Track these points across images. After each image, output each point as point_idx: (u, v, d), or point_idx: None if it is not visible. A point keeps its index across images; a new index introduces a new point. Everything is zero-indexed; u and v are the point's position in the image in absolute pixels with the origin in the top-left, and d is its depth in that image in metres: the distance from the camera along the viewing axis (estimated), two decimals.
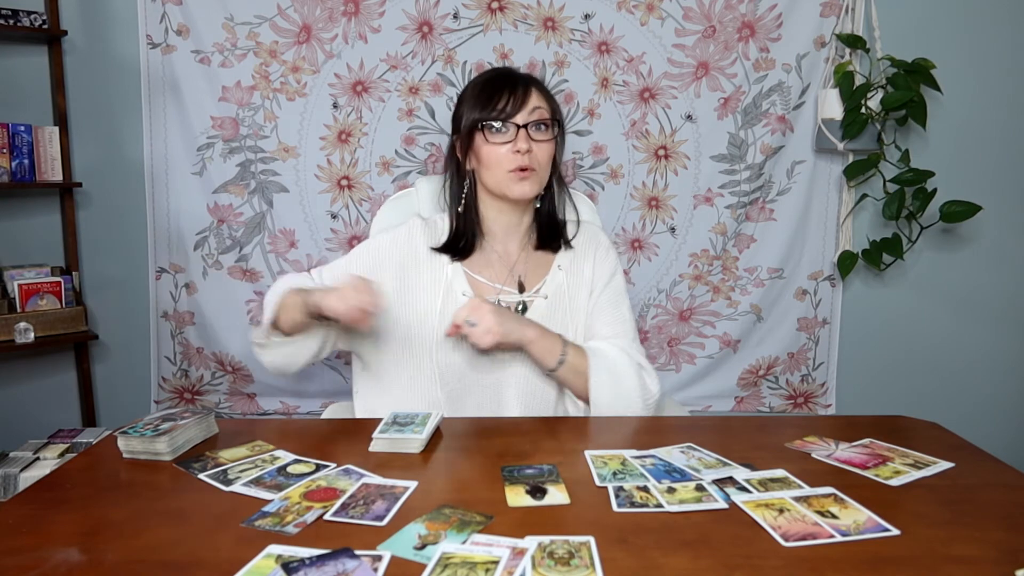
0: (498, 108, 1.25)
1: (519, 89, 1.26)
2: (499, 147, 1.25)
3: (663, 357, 2.23)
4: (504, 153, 1.25)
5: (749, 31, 2.05)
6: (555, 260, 1.36)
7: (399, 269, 1.31)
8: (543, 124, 1.27)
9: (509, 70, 1.33)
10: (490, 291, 1.31)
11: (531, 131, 1.25)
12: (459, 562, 0.72)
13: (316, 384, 2.17)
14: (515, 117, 1.25)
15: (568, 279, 1.34)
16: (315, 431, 1.16)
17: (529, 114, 1.25)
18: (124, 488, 0.92)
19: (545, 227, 1.36)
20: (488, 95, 1.26)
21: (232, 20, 1.97)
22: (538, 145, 1.26)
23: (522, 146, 1.24)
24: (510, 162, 1.25)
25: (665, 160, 2.12)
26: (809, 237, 2.19)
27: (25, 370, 2.10)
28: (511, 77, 1.29)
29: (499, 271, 1.33)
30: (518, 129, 1.24)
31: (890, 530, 0.80)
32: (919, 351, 2.29)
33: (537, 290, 1.33)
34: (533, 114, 1.25)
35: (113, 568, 0.73)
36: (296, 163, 2.05)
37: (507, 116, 1.25)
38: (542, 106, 1.27)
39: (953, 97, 2.13)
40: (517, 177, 1.25)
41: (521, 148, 1.24)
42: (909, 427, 1.17)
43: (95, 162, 2.06)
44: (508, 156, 1.25)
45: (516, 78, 1.29)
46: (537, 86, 1.29)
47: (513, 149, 1.24)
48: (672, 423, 1.28)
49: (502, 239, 1.35)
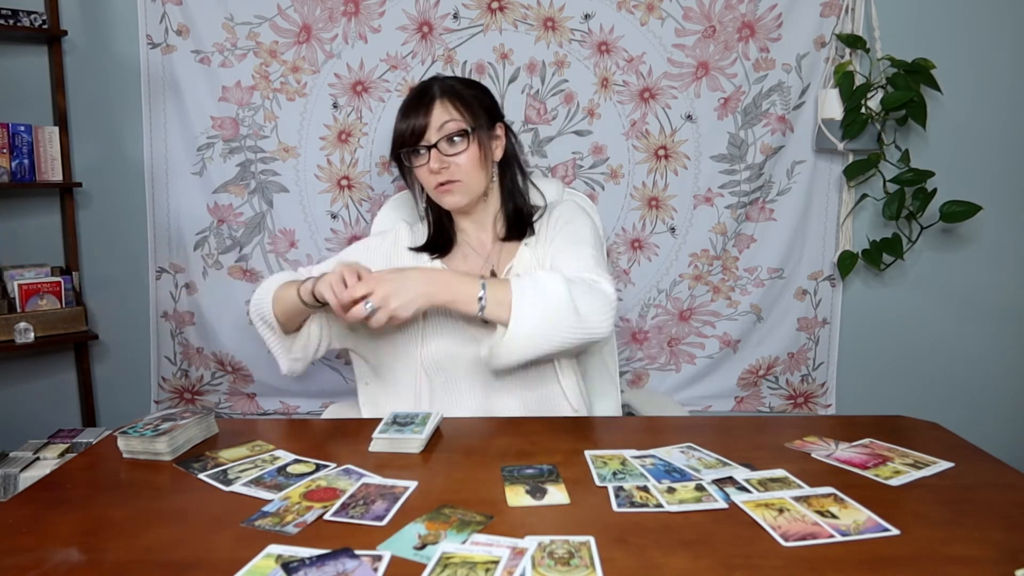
0: (405, 136, 1.28)
1: (422, 109, 1.28)
2: (420, 169, 1.30)
3: (663, 357, 2.23)
4: (424, 173, 1.30)
5: (749, 31, 2.05)
6: (522, 242, 1.39)
7: (386, 267, 1.35)
8: (455, 136, 1.28)
9: (420, 88, 1.33)
10: None
11: (442, 147, 1.27)
12: (459, 562, 0.72)
13: (316, 384, 2.17)
14: (423, 139, 1.28)
15: (535, 254, 1.36)
16: (315, 431, 1.16)
17: (437, 131, 1.27)
18: (124, 488, 0.93)
19: (511, 218, 1.39)
20: (399, 122, 1.30)
21: (232, 20, 1.97)
22: (454, 158, 1.28)
23: (434, 166, 1.28)
24: (432, 180, 1.29)
25: (665, 160, 2.12)
26: (809, 237, 2.19)
27: (25, 370, 2.10)
28: (417, 96, 1.31)
29: (474, 263, 1.38)
30: (429, 149, 1.28)
31: (890, 530, 0.80)
32: (919, 351, 2.29)
33: (507, 271, 1.35)
34: (441, 130, 1.27)
35: (113, 568, 0.73)
36: (296, 163, 2.05)
37: (415, 140, 1.28)
38: (452, 118, 1.28)
39: (953, 97, 2.13)
40: (441, 192, 1.30)
41: (433, 168, 1.28)
42: (909, 427, 1.17)
43: (95, 162, 2.06)
44: (428, 176, 1.29)
45: (422, 96, 1.30)
46: (447, 96, 1.29)
47: (427, 170, 1.28)
48: (672, 423, 1.28)
49: (474, 233, 1.40)
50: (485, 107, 1.33)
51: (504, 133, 1.38)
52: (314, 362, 1.38)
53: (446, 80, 1.34)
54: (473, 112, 1.30)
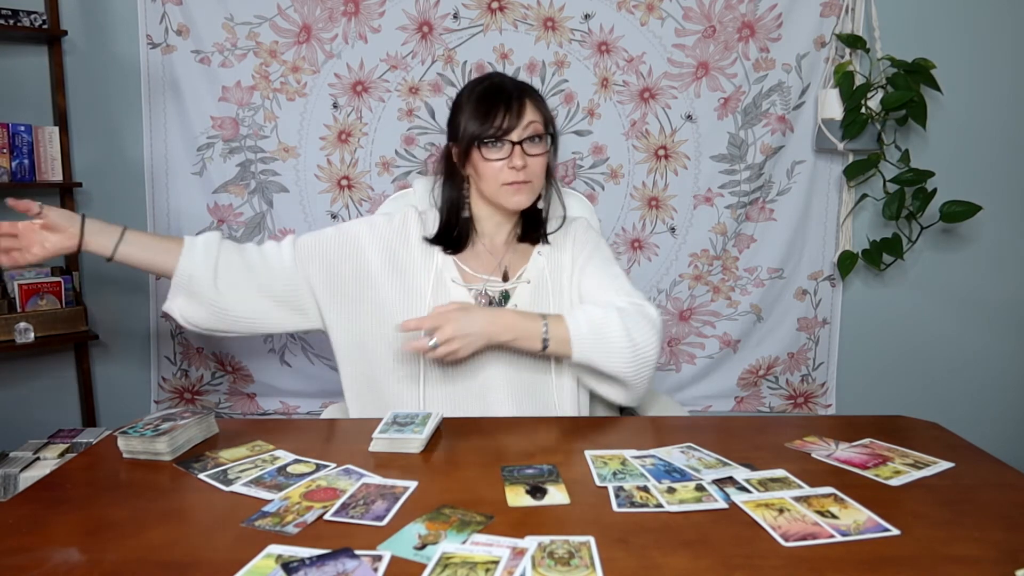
0: (494, 126, 1.26)
1: (514, 105, 1.27)
2: (495, 163, 1.28)
3: (663, 357, 2.23)
4: (500, 168, 1.28)
5: (749, 31, 2.05)
6: (535, 249, 1.39)
7: (388, 251, 1.35)
8: (537, 137, 1.29)
9: (503, 81, 1.32)
10: (477, 280, 1.35)
11: (525, 146, 1.27)
12: (459, 562, 0.72)
13: (316, 384, 2.17)
14: (510, 134, 1.27)
15: (548, 263, 1.37)
16: (315, 431, 1.16)
17: (524, 130, 1.27)
18: (124, 488, 0.92)
19: (529, 221, 1.40)
20: (484, 111, 1.28)
21: (232, 20, 1.97)
22: (533, 159, 1.29)
23: (517, 163, 1.27)
24: (506, 176, 1.28)
25: (665, 160, 2.12)
26: (809, 237, 2.19)
27: (25, 370, 2.10)
28: (506, 90, 1.30)
29: (486, 262, 1.37)
30: (513, 146, 1.27)
31: (890, 530, 0.80)
32: (919, 351, 2.29)
33: (519, 276, 1.36)
34: (527, 129, 1.27)
35: (113, 568, 0.73)
36: (296, 163, 2.05)
37: (503, 134, 1.27)
38: (536, 119, 1.29)
39: (953, 97, 2.13)
40: (512, 190, 1.29)
41: (516, 165, 1.27)
42: (909, 427, 1.17)
43: (95, 162, 2.06)
44: (504, 171, 1.28)
45: (511, 91, 1.29)
46: (531, 97, 1.30)
47: (508, 165, 1.27)
48: (672, 423, 1.28)
49: (491, 235, 1.39)
50: (551, 115, 1.35)
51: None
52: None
53: (514, 80, 1.33)
54: (549, 118, 1.33)
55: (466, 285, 1.33)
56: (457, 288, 1.33)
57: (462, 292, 1.33)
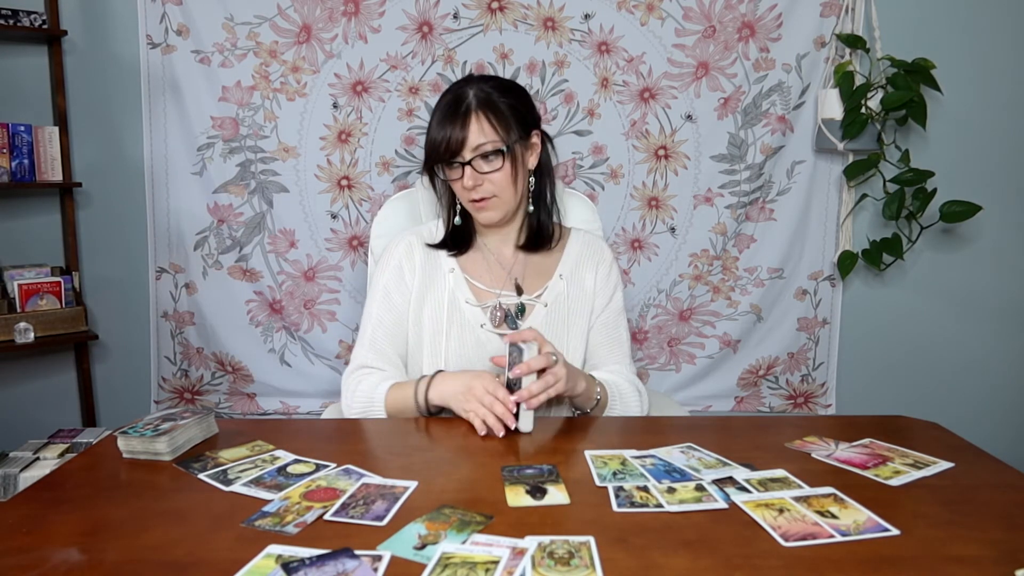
0: (440, 150, 1.24)
1: (457, 122, 1.22)
2: (455, 182, 1.27)
3: (663, 357, 2.23)
4: (459, 188, 1.27)
5: (749, 31, 2.05)
6: (557, 268, 1.36)
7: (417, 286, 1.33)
8: (489, 155, 1.23)
9: (462, 93, 1.25)
10: (491, 296, 1.32)
11: (477, 165, 1.23)
12: (459, 562, 0.72)
13: (316, 384, 2.17)
14: (458, 156, 1.23)
15: (569, 288, 1.35)
16: (315, 431, 1.16)
17: (472, 150, 1.22)
18: (124, 488, 0.92)
19: (534, 230, 1.36)
20: (435, 133, 1.25)
21: (232, 20, 1.97)
22: (489, 175, 1.24)
23: (468, 183, 1.24)
24: (466, 195, 1.27)
25: (665, 160, 2.12)
26: (809, 237, 2.19)
27: (25, 370, 2.10)
28: (453, 105, 1.24)
29: (496, 275, 1.34)
30: (463, 166, 1.24)
31: (890, 530, 0.80)
32: (919, 351, 2.29)
33: (538, 296, 1.33)
34: (476, 149, 1.22)
35: (113, 568, 0.73)
36: (296, 163, 2.05)
37: (451, 156, 1.24)
38: (486, 138, 1.22)
39: (953, 97, 2.13)
40: (477, 207, 1.28)
41: (467, 185, 1.24)
42: (909, 427, 1.17)
43: (95, 162, 2.06)
44: (463, 191, 1.27)
45: (462, 108, 1.23)
46: (482, 108, 1.23)
47: (461, 186, 1.26)
48: (672, 423, 1.28)
49: (496, 246, 1.37)
50: (520, 117, 1.27)
51: (540, 140, 1.33)
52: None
53: (483, 86, 1.25)
54: (508, 127, 1.24)
55: (480, 305, 1.31)
56: (471, 309, 1.30)
57: (476, 312, 1.30)
